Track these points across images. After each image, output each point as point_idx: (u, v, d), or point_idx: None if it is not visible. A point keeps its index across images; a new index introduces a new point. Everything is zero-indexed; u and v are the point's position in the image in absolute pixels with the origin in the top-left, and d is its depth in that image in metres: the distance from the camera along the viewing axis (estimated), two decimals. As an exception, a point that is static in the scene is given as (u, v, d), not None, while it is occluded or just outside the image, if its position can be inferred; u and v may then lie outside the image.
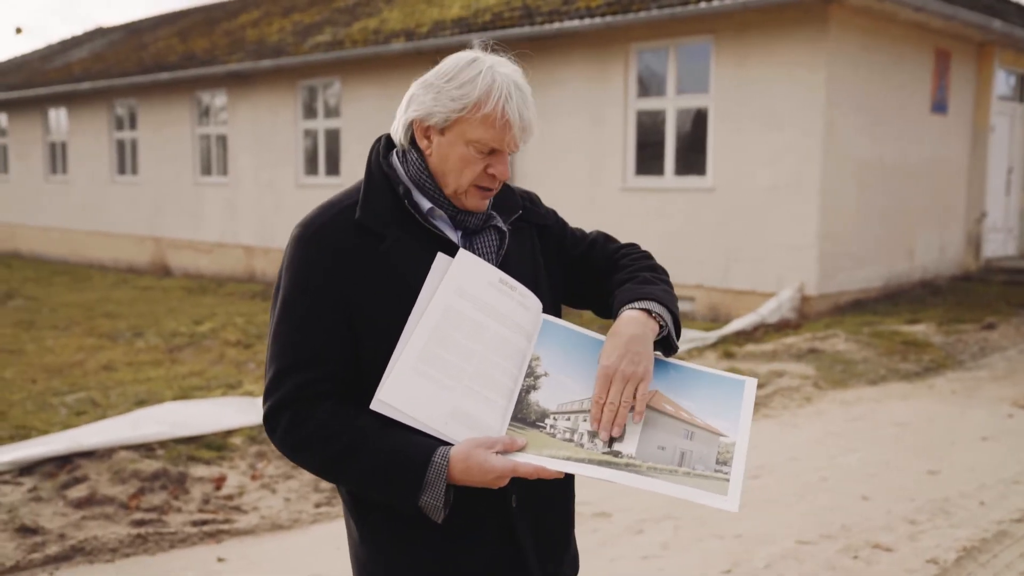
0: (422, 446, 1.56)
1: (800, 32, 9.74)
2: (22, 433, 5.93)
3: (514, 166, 11.79)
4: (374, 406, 1.57)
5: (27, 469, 5.12)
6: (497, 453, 1.54)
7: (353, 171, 13.63)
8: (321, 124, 14.64)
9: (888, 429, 6.08)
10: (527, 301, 1.71)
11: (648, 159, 11.10)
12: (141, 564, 4.02)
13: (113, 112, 18.38)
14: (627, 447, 1.57)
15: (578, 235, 1.91)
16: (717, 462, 1.56)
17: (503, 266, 1.73)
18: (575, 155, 11.50)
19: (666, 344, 1.70)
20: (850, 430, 6.07)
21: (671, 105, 10.86)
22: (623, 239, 1.93)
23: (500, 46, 1.73)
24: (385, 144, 1.76)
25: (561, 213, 1.94)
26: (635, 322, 1.64)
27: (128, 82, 16.87)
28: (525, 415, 1.61)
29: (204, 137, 16.63)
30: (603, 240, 1.91)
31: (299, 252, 1.66)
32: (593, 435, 1.58)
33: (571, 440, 1.57)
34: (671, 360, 1.72)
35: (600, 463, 1.54)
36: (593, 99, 11.31)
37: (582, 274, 1.87)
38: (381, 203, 1.67)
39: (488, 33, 11.51)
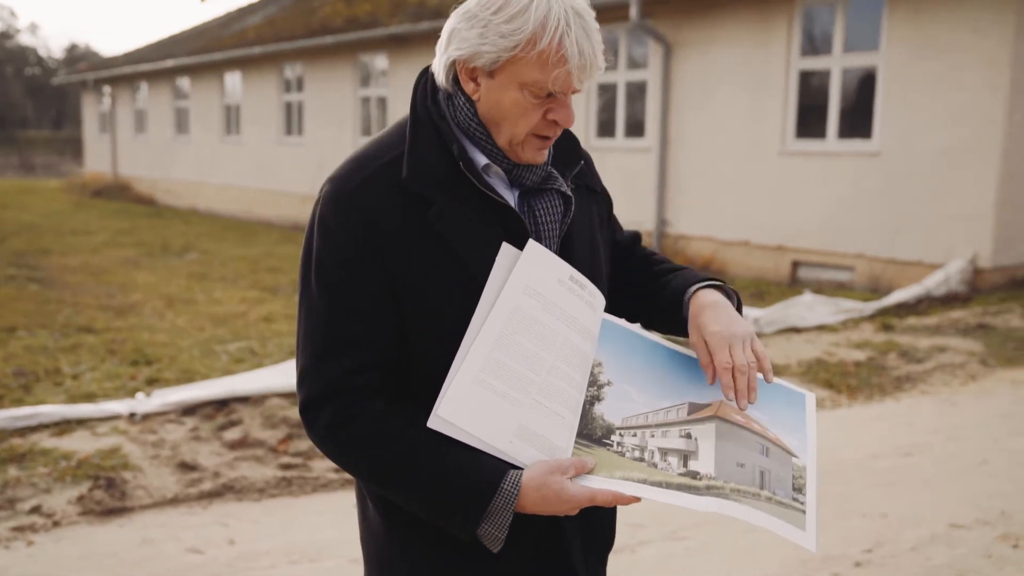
0: (489, 468, 1.36)
1: (985, -17, 9.01)
2: (187, 377, 6.33)
3: (667, 126, 11.53)
4: (432, 423, 1.36)
5: (190, 410, 5.47)
6: (570, 479, 1.36)
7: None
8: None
9: (1064, 413, 5.62)
10: (595, 300, 1.51)
11: (809, 122, 10.60)
12: (284, 505, 4.21)
13: (282, 76, 19.17)
14: (704, 465, 1.39)
15: (614, 219, 1.75)
16: (794, 488, 1.41)
17: (566, 237, 1.52)
18: (733, 118, 11.09)
19: None
20: (1020, 412, 5.65)
21: (837, 64, 10.31)
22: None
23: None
24: (432, 83, 1.49)
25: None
26: (718, 295, 1.54)
27: (296, 46, 17.52)
28: (590, 431, 1.42)
29: (365, 99, 17.10)
30: (639, 238, 1.80)
31: (332, 214, 1.42)
32: (664, 453, 1.41)
33: (641, 459, 1.40)
34: None
35: (679, 487, 1.36)
36: (754, 59, 10.86)
37: (617, 262, 1.70)
38: (430, 160, 1.42)
39: (645, -9, 11.26)
